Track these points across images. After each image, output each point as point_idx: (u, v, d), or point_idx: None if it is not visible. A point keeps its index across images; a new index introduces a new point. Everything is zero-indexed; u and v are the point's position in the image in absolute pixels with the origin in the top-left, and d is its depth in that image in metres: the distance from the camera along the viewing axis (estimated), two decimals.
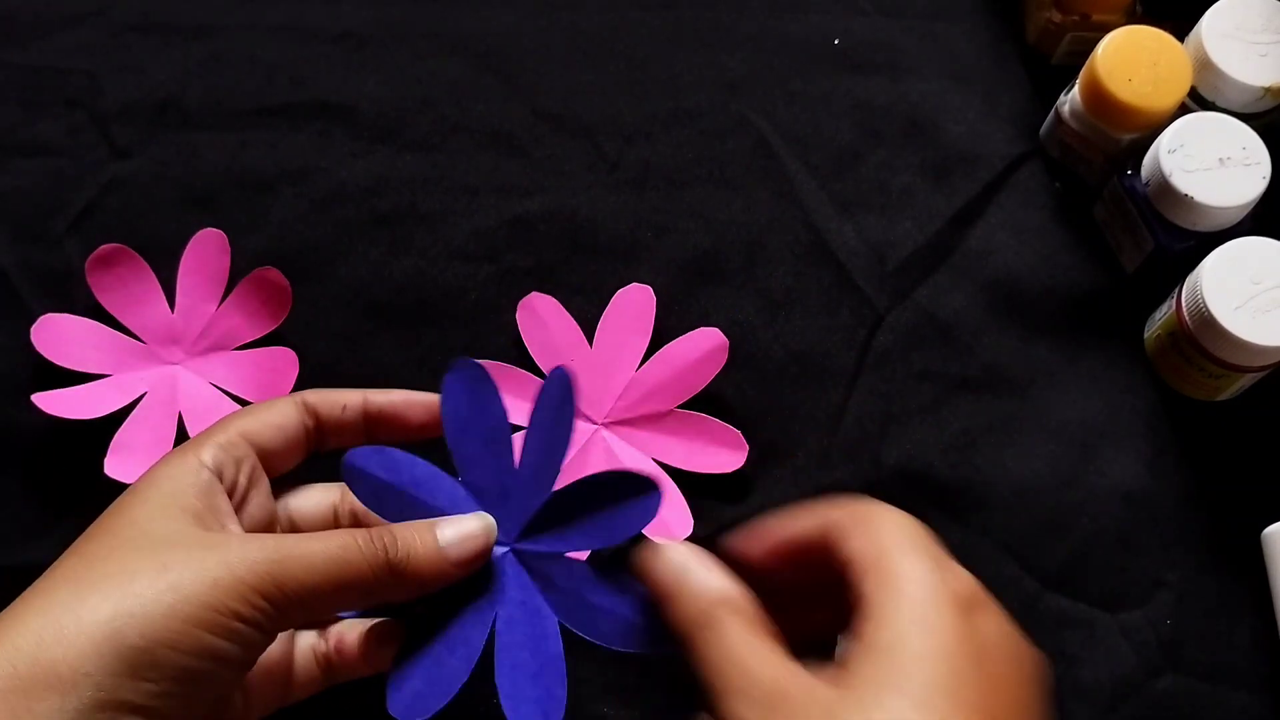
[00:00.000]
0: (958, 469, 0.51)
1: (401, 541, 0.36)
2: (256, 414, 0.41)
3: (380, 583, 0.36)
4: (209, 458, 0.38)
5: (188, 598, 0.32)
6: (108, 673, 0.31)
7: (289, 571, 0.34)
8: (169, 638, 0.32)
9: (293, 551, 0.34)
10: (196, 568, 0.33)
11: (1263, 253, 0.46)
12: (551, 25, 0.57)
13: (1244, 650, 0.49)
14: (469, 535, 0.38)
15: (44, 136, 0.56)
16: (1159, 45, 0.49)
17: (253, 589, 0.33)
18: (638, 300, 0.52)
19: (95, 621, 0.32)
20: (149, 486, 0.37)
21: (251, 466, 0.40)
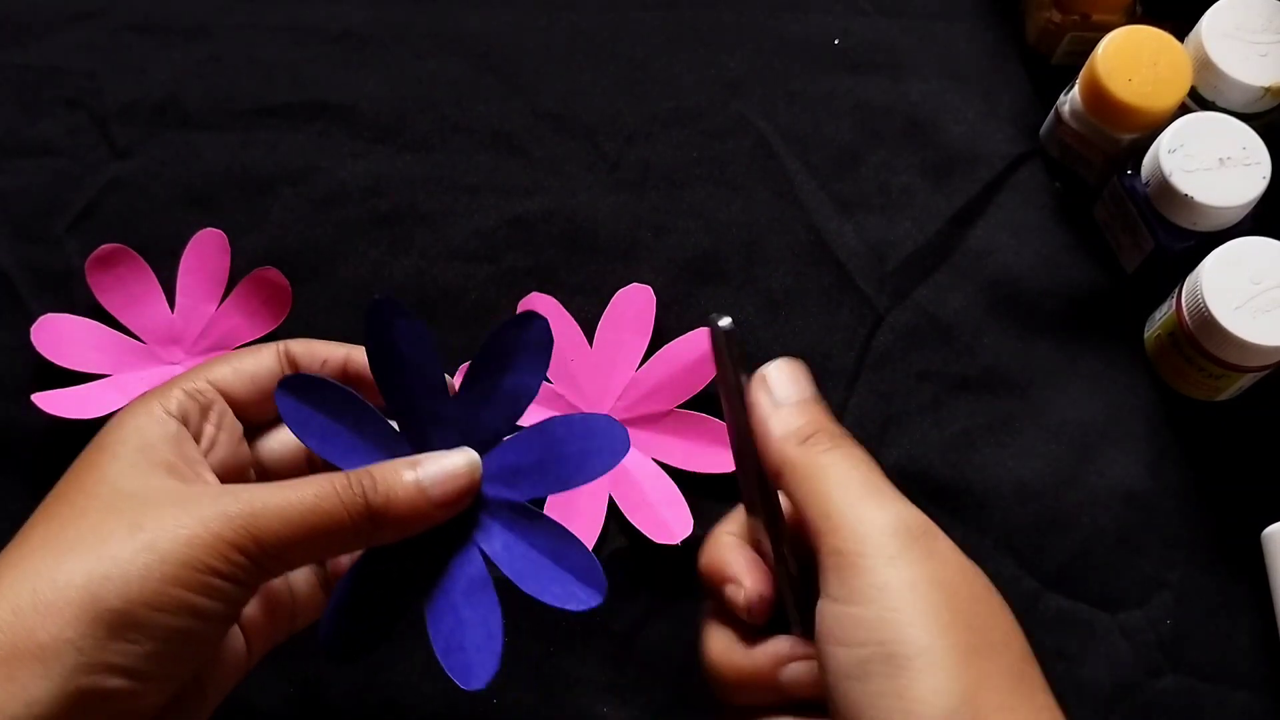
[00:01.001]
0: (958, 469, 0.51)
1: (381, 484, 0.35)
2: (230, 361, 0.40)
3: (360, 529, 0.35)
4: (174, 405, 0.37)
5: (164, 557, 0.32)
6: (88, 637, 0.31)
7: (265, 524, 0.33)
8: (147, 598, 0.32)
9: (268, 503, 0.34)
10: (171, 525, 0.33)
11: (1263, 253, 0.46)
12: (551, 25, 0.57)
13: (1244, 650, 0.49)
14: (453, 473, 0.37)
15: (44, 136, 0.56)
16: (1159, 45, 0.49)
17: (229, 544, 0.33)
18: (638, 300, 0.52)
19: (72, 585, 0.31)
20: (116, 441, 0.36)
21: (220, 413, 0.39)
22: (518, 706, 0.49)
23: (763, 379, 0.36)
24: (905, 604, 0.30)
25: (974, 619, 0.31)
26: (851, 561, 0.32)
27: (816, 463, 0.34)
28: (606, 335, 0.52)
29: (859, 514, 0.32)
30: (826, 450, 0.34)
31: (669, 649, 0.49)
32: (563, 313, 0.52)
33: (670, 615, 0.50)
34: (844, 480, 0.33)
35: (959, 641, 0.30)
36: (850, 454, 0.34)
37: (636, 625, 0.50)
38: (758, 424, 0.35)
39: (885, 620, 0.30)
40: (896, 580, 0.31)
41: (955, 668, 0.30)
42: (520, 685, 0.49)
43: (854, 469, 0.34)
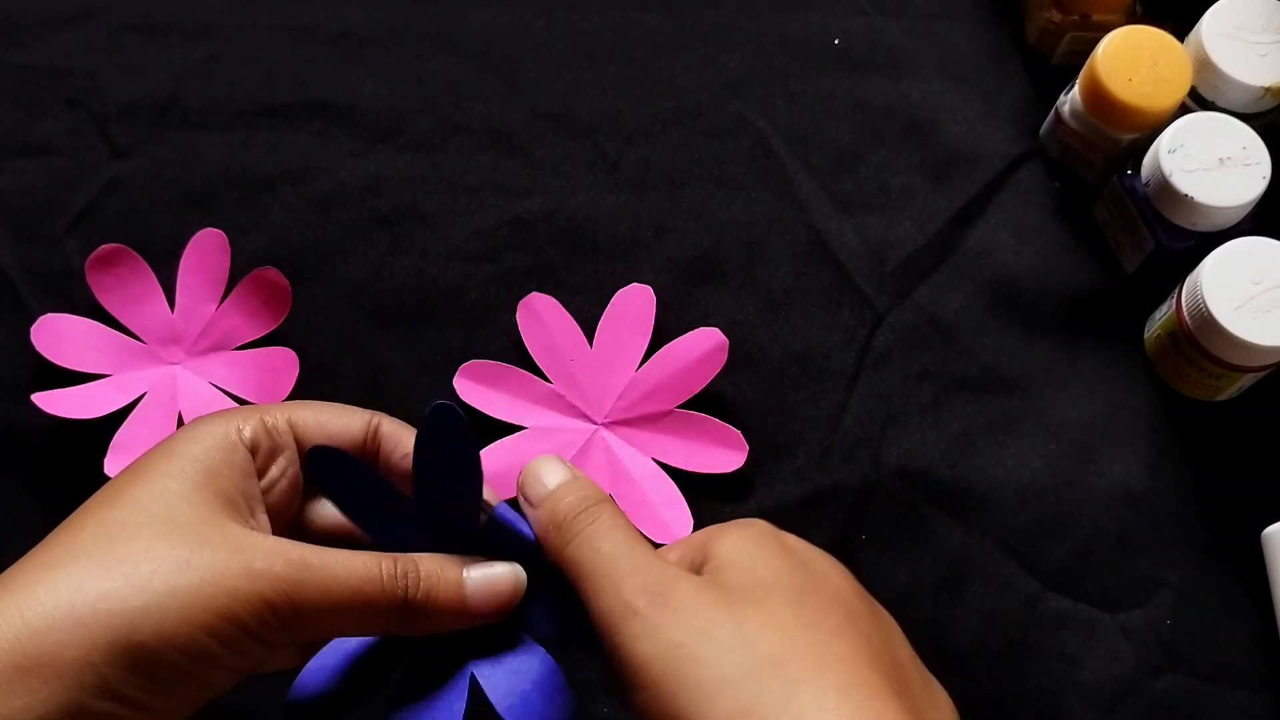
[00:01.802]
0: (958, 469, 0.51)
1: (425, 579, 0.36)
2: (319, 411, 0.39)
3: (392, 619, 0.35)
4: (249, 433, 0.37)
5: (205, 604, 0.32)
6: (113, 665, 0.31)
7: (306, 594, 0.33)
8: (179, 642, 0.32)
9: (316, 573, 0.34)
10: (219, 572, 0.32)
11: (1263, 253, 0.46)
12: (551, 25, 0.57)
13: (1244, 650, 0.49)
14: (497, 582, 0.37)
15: (44, 136, 0.56)
16: (1159, 45, 0.49)
17: (268, 604, 0.33)
18: (638, 300, 0.52)
19: (110, 612, 0.31)
20: (183, 455, 0.36)
21: (289, 460, 0.38)
22: None
23: (520, 486, 0.38)
24: (655, 679, 0.32)
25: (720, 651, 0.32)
26: (614, 654, 0.33)
27: (567, 559, 0.36)
28: (606, 335, 0.52)
29: (605, 604, 0.34)
30: (573, 540, 0.36)
31: None
32: (563, 313, 0.52)
33: None
34: (590, 571, 0.35)
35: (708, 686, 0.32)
36: (591, 533, 0.36)
37: None
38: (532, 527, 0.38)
39: (650, 698, 0.32)
40: (643, 658, 0.33)
41: (714, 714, 0.31)
42: None
43: (595, 550, 0.35)
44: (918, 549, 0.50)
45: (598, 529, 0.36)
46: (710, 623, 0.33)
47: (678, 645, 0.32)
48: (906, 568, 0.49)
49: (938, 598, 0.49)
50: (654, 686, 0.32)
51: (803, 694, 0.31)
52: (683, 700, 0.32)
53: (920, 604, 0.49)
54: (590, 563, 0.35)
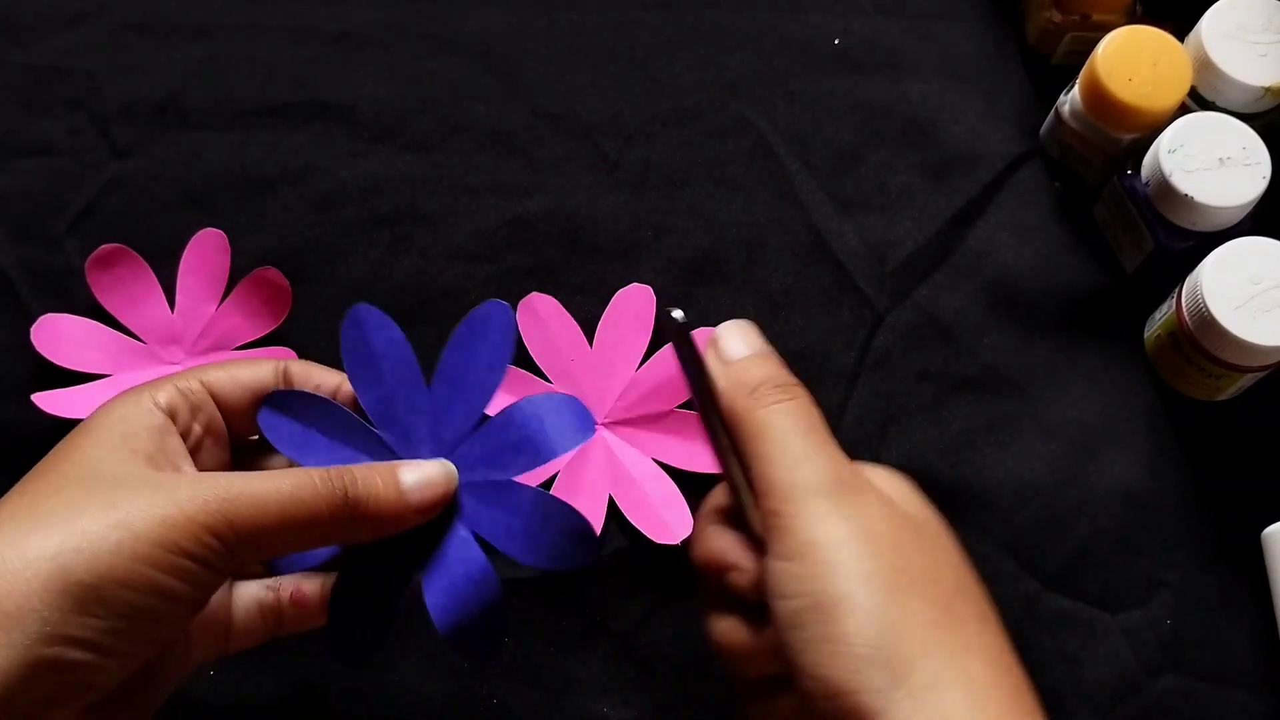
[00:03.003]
0: (958, 469, 0.51)
1: (362, 481, 0.36)
2: (227, 367, 0.40)
3: (337, 523, 0.35)
4: (163, 399, 0.38)
5: (137, 534, 0.32)
6: (54, 608, 0.31)
7: (241, 510, 0.33)
8: (117, 574, 0.32)
9: (245, 489, 0.34)
10: (146, 504, 0.33)
11: (1263, 253, 0.46)
12: (551, 25, 0.57)
13: (1244, 650, 0.49)
14: (431, 480, 0.38)
15: (44, 136, 0.56)
16: (1159, 45, 0.49)
17: (204, 526, 0.33)
18: (638, 300, 0.52)
19: (41, 557, 0.31)
20: (100, 426, 0.36)
21: (209, 417, 0.39)
22: (518, 706, 0.49)
23: (713, 341, 0.38)
24: (831, 557, 0.32)
25: (898, 561, 0.33)
26: (785, 522, 0.33)
27: (756, 419, 0.35)
28: (606, 335, 0.52)
29: (791, 474, 0.34)
30: (767, 406, 0.35)
31: (669, 649, 0.49)
32: (563, 313, 0.52)
33: (670, 615, 0.50)
34: (780, 438, 0.35)
35: (881, 584, 0.32)
36: (789, 408, 0.35)
37: (636, 625, 0.50)
38: (712, 384, 0.37)
39: (814, 573, 0.32)
40: (824, 536, 0.33)
41: (877, 608, 0.32)
42: (521, 685, 0.49)
43: (791, 424, 0.35)
44: None
45: (798, 405, 0.35)
46: (895, 533, 0.33)
47: (862, 537, 0.33)
48: None
49: None
50: (825, 563, 0.32)
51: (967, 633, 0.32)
52: (852, 585, 0.32)
53: None
54: (783, 431, 0.35)
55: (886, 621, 0.32)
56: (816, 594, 0.32)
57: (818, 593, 0.32)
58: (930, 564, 0.34)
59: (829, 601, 0.32)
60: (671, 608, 0.50)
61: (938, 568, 0.34)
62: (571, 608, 0.50)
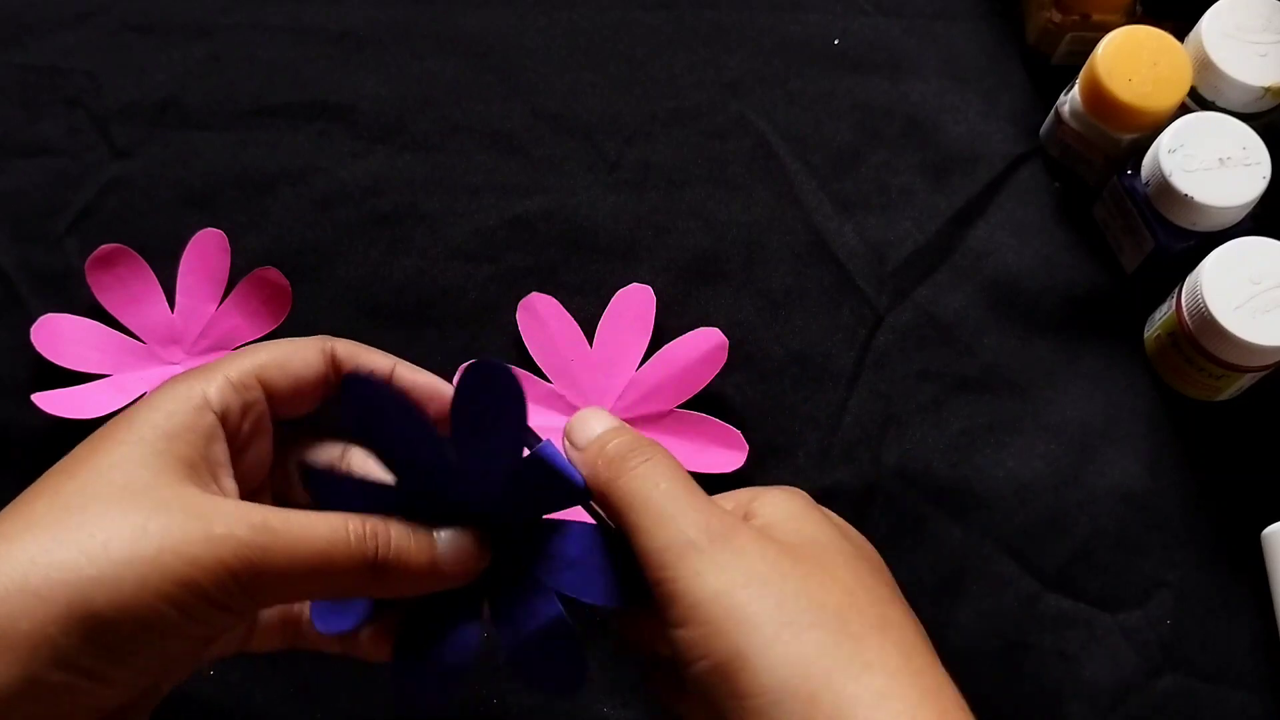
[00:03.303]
0: (958, 469, 0.51)
1: (395, 543, 0.35)
2: (277, 354, 0.38)
3: (361, 581, 0.34)
4: (216, 397, 0.36)
5: (163, 573, 0.31)
6: (69, 635, 0.30)
7: (271, 559, 0.32)
8: (137, 611, 0.31)
9: (279, 536, 0.33)
10: (177, 539, 0.31)
11: (1263, 253, 0.46)
12: (551, 25, 0.57)
13: (1244, 650, 0.49)
14: (465, 551, 0.36)
15: (44, 136, 0.56)
16: (1159, 45, 0.49)
17: (229, 571, 0.32)
18: (638, 300, 0.52)
19: (65, 582, 0.30)
20: (144, 422, 0.35)
21: (259, 415, 0.37)
22: (518, 706, 0.49)
23: (566, 434, 0.37)
24: (715, 614, 0.32)
25: (782, 596, 0.32)
26: (668, 588, 0.33)
27: (617, 491, 0.35)
28: (606, 335, 0.52)
29: (660, 538, 0.33)
30: (625, 474, 0.35)
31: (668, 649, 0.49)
32: (563, 313, 0.52)
33: None
34: (643, 505, 0.34)
35: (770, 627, 0.32)
36: (644, 471, 0.35)
37: None
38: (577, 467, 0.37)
39: (704, 635, 0.32)
40: (705, 593, 0.32)
41: (770, 654, 0.31)
42: (520, 685, 0.49)
43: (649, 487, 0.35)
44: (918, 549, 0.50)
45: (655, 466, 0.35)
46: (775, 569, 0.33)
47: (742, 584, 0.32)
48: (906, 568, 0.49)
49: (938, 598, 0.49)
50: (713, 623, 0.32)
51: (867, 649, 0.31)
52: (743, 639, 0.31)
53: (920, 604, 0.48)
54: (646, 496, 0.34)
55: (783, 664, 0.31)
56: (711, 655, 0.32)
57: (713, 652, 0.32)
58: (816, 589, 0.33)
59: (724, 659, 0.32)
60: None
61: (824, 590, 0.33)
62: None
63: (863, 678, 0.31)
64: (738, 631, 0.32)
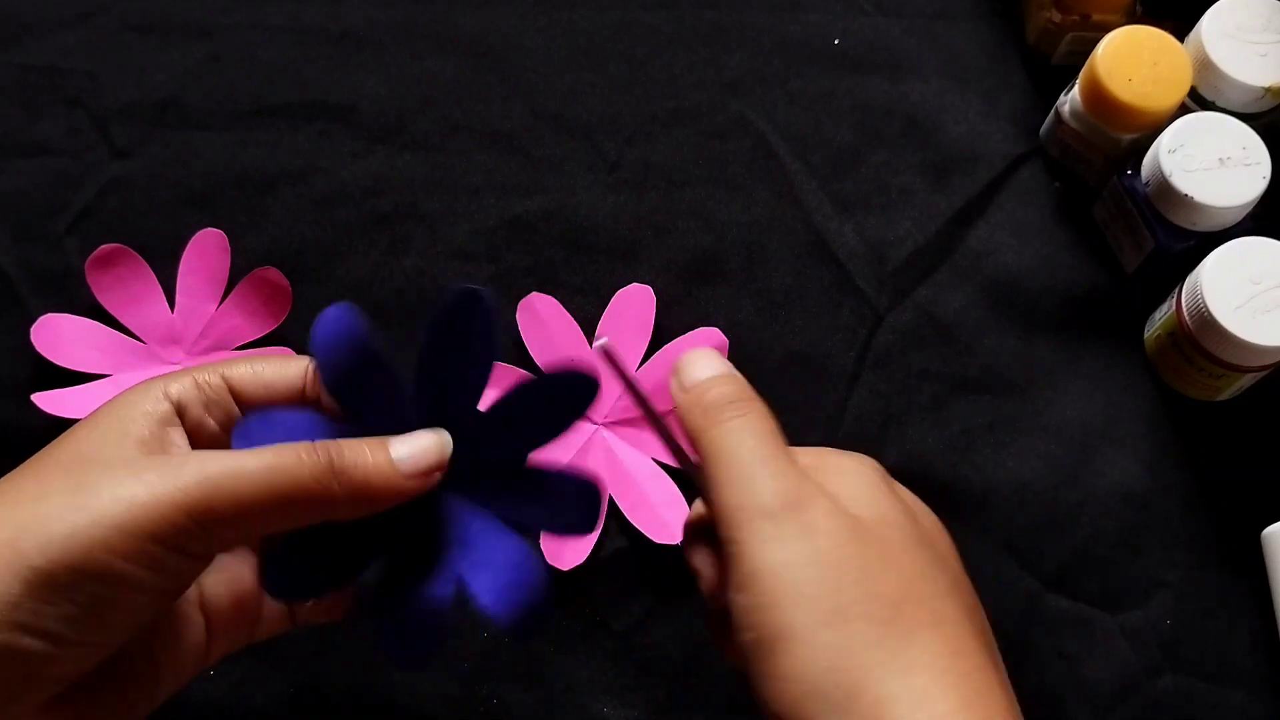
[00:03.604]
0: (958, 469, 0.51)
1: (349, 450, 0.34)
2: (253, 363, 0.38)
3: (325, 496, 0.33)
4: (174, 390, 0.36)
5: (97, 519, 0.30)
6: (6, 594, 0.29)
7: (221, 486, 0.31)
8: (72, 560, 0.30)
9: (225, 464, 0.32)
10: (112, 485, 0.31)
11: (1263, 253, 0.46)
12: (551, 25, 0.57)
13: (1244, 650, 0.49)
14: (424, 448, 0.35)
15: (44, 136, 0.56)
16: (1159, 45, 0.49)
17: (177, 508, 0.31)
18: (638, 300, 0.52)
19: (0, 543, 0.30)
20: (103, 412, 0.35)
21: (225, 413, 0.37)
22: (518, 706, 0.49)
23: (674, 370, 0.37)
24: (772, 586, 0.32)
25: (841, 578, 0.32)
26: (734, 549, 0.33)
27: (708, 441, 0.35)
28: (606, 335, 0.52)
29: (737, 498, 0.33)
30: (718, 425, 0.35)
31: (669, 649, 0.49)
32: (563, 313, 0.52)
33: (670, 615, 0.50)
34: (728, 460, 0.34)
35: (821, 611, 0.31)
36: (737, 425, 0.35)
37: (636, 625, 0.50)
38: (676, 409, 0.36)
39: (758, 605, 0.32)
40: (766, 564, 0.32)
41: (816, 639, 0.31)
42: (520, 685, 0.49)
43: (737, 443, 0.34)
44: None
45: (748, 422, 0.35)
46: (840, 550, 0.32)
47: (804, 563, 0.32)
48: None
49: None
50: (767, 596, 0.32)
51: (913, 647, 0.31)
52: (793, 615, 0.31)
53: None
54: (732, 452, 0.34)
55: (827, 652, 0.31)
56: (760, 627, 0.32)
57: (761, 625, 0.32)
58: (875, 575, 0.32)
59: (771, 636, 0.31)
60: (671, 608, 0.50)
61: (883, 577, 0.32)
62: (572, 608, 0.50)
63: (906, 676, 0.31)
64: (789, 610, 0.31)
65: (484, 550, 0.37)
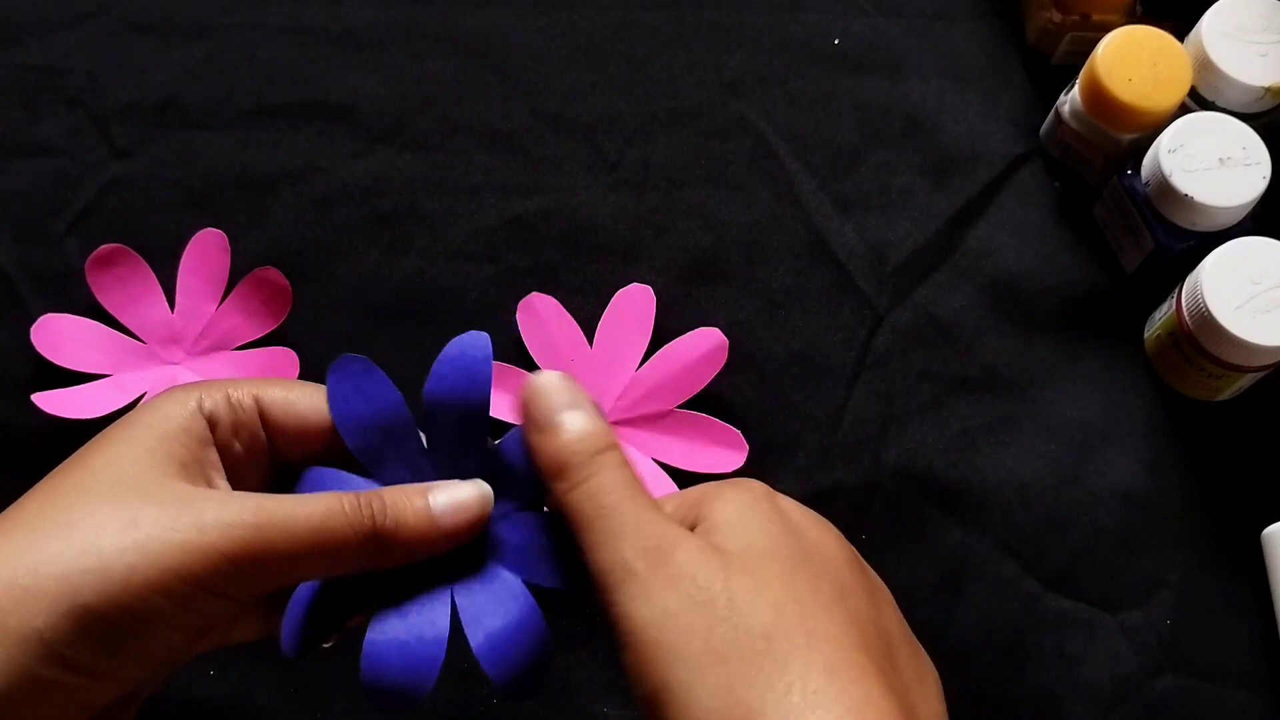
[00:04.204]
0: (958, 469, 0.51)
1: (391, 507, 0.34)
2: (287, 389, 0.38)
3: (364, 551, 0.34)
4: (209, 405, 0.36)
5: (153, 561, 0.30)
6: (57, 629, 0.30)
7: (267, 539, 0.32)
8: (126, 601, 0.30)
9: (274, 516, 0.32)
10: (167, 528, 0.31)
11: (1263, 253, 0.46)
12: (551, 25, 0.57)
13: (1244, 650, 0.49)
14: (464, 504, 0.36)
15: (44, 136, 0.56)
16: (1159, 45, 0.49)
17: (225, 556, 0.31)
18: (638, 300, 0.52)
19: (51, 575, 0.30)
20: (140, 423, 0.35)
21: (252, 436, 0.37)
22: (518, 707, 0.49)
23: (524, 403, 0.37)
24: (647, 643, 0.32)
25: (712, 620, 0.32)
26: (611, 612, 0.33)
27: (570, 504, 0.34)
28: (606, 335, 0.52)
29: (605, 562, 0.33)
30: (576, 487, 0.34)
31: None
32: (563, 313, 0.52)
33: None
34: (590, 523, 0.34)
35: (697, 658, 0.31)
36: (596, 485, 0.34)
37: None
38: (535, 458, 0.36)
39: (639, 661, 0.32)
40: (639, 622, 0.32)
41: (696, 690, 0.31)
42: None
43: (599, 504, 0.34)
44: (918, 549, 0.50)
45: (603, 480, 0.34)
46: (705, 592, 0.32)
47: (672, 614, 0.32)
48: (906, 568, 0.49)
49: (938, 597, 0.49)
50: (645, 651, 0.32)
51: (789, 673, 0.31)
52: (671, 671, 0.31)
53: (920, 604, 0.49)
54: (592, 514, 0.34)
55: (709, 698, 0.31)
56: (645, 683, 0.32)
57: (646, 680, 0.32)
58: (743, 606, 0.32)
59: (656, 690, 0.31)
60: None
61: (751, 609, 0.32)
62: (572, 608, 0.50)
63: (783, 701, 0.30)
64: (666, 664, 0.31)
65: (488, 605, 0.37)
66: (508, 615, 0.36)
